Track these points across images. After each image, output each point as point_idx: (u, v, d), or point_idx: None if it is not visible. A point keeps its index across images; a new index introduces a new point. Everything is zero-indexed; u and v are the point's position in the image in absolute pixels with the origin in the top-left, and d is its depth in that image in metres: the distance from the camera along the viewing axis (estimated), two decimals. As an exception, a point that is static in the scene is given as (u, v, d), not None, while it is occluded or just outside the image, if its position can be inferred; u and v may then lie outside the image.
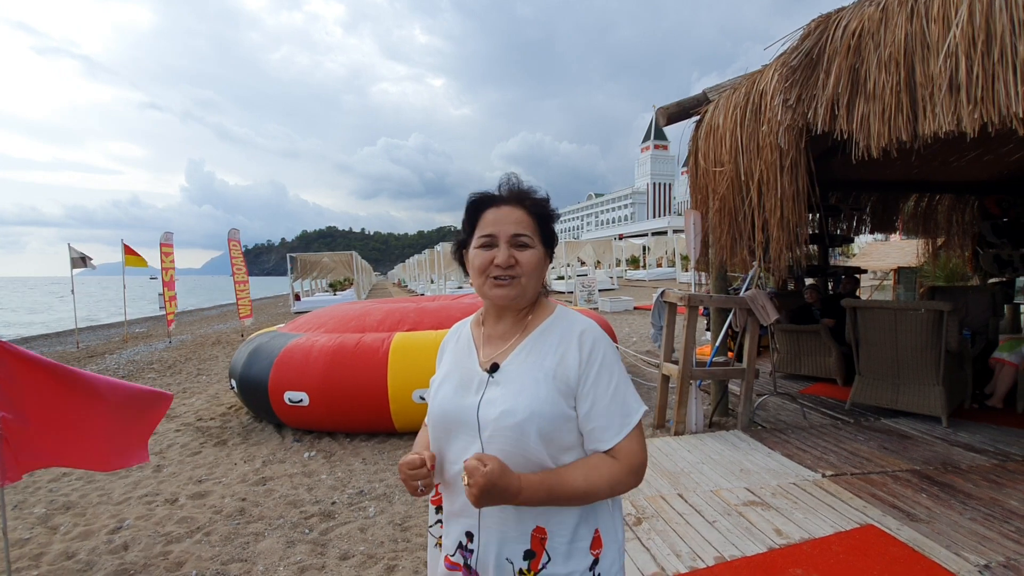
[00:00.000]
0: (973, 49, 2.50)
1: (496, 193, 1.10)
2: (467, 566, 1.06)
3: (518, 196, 1.09)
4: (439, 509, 1.15)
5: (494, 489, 0.93)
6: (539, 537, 1.01)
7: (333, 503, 3.50)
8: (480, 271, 1.07)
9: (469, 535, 1.05)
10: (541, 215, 1.10)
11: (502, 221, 1.06)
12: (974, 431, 4.07)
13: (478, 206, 1.10)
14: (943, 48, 2.59)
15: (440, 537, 1.14)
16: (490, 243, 1.06)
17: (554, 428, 1.01)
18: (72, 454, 2.50)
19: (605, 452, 1.04)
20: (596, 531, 1.05)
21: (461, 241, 1.14)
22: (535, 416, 0.99)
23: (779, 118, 3.34)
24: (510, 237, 1.05)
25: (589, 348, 1.05)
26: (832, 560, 2.40)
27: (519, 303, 1.09)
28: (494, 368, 1.07)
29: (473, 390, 1.07)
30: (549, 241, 1.12)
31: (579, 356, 1.04)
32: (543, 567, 1.01)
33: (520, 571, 1.01)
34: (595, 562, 1.04)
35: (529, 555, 1.01)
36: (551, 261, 1.15)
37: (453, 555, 1.08)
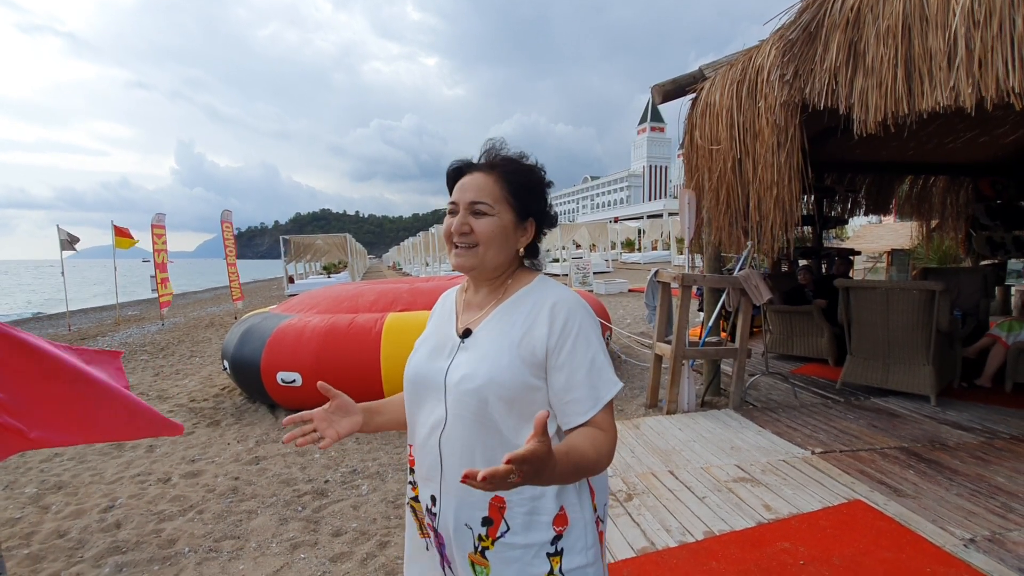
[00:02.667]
0: (972, 22, 2.46)
1: (470, 160, 1.11)
2: (433, 528, 1.07)
3: (491, 163, 1.09)
4: (412, 470, 1.15)
5: (543, 468, 0.83)
6: (497, 505, 1.01)
7: (326, 481, 3.51)
8: (446, 238, 1.09)
9: (433, 499, 1.06)
10: (516, 182, 1.07)
11: (465, 188, 1.07)
12: (962, 410, 4.11)
13: (455, 174, 1.12)
14: (942, 21, 2.55)
15: (411, 498, 1.15)
16: (454, 210, 1.08)
17: (514, 397, 0.99)
18: (60, 435, 2.46)
19: (583, 424, 1.00)
20: (561, 508, 1.02)
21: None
22: (492, 383, 0.99)
23: (776, 94, 3.30)
24: (468, 204, 1.06)
25: (563, 320, 1.02)
26: (820, 534, 2.43)
27: (482, 273, 1.08)
28: (466, 334, 1.08)
29: (445, 355, 1.09)
30: (526, 209, 1.08)
31: (549, 328, 1.01)
32: (501, 535, 1.00)
33: (479, 537, 1.01)
34: (557, 537, 1.02)
35: (487, 522, 1.01)
36: (533, 232, 1.11)
37: (426, 517, 1.09)
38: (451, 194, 1.11)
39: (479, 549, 1.01)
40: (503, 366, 1.00)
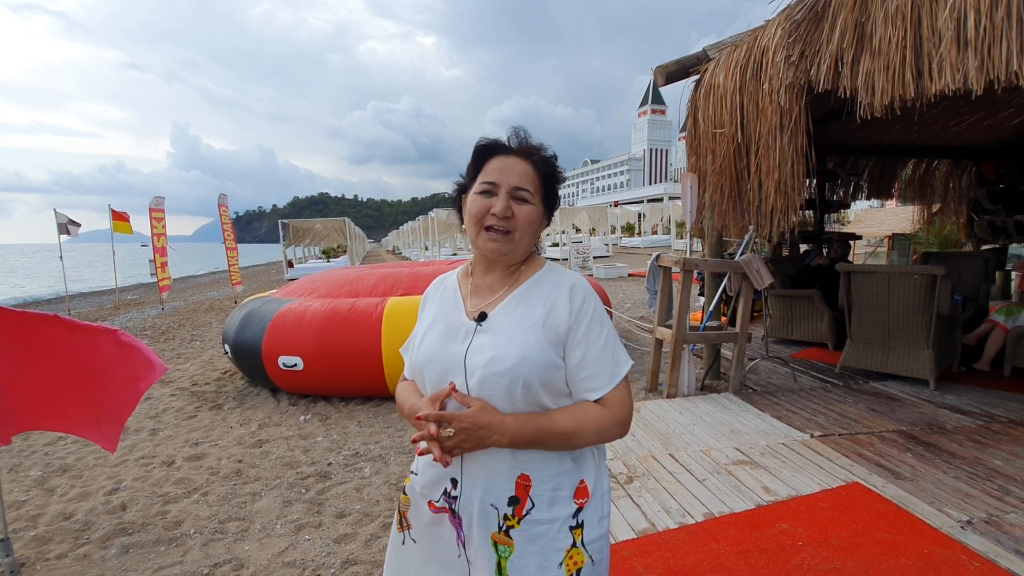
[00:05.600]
0: (982, 3, 2.41)
1: (506, 143, 1.10)
2: (452, 511, 1.07)
3: (527, 150, 1.09)
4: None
5: (476, 427, 0.95)
6: (523, 484, 1.03)
7: (329, 464, 3.54)
8: (476, 219, 1.06)
9: (454, 481, 1.07)
10: (547, 173, 1.10)
11: (506, 171, 1.05)
12: (961, 393, 4.14)
13: (485, 152, 1.09)
14: (951, 2, 2.50)
15: (411, 480, 1.16)
16: (490, 191, 1.05)
17: (542, 375, 1.01)
18: (56, 419, 2.49)
19: (595, 402, 1.05)
20: (582, 481, 1.07)
21: (462, 185, 1.14)
22: (524, 362, 1.00)
23: (781, 75, 3.25)
24: (511, 188, 1.05)
25: (580, 301, 1.06)
26: (818, 515, 2.46)
27: (510, 259, 1.09)
28: (482, 317, 1.07)
29: (460, 339, 1.07)
30: (550, 202, 1.12)
31: (569, 307, 1.05)
32: (527, 513, 1.03)
33: (505, 516, 1.03)
34: (579, 510, 1.05)
35: (513, 501, 1.03)
36: (549, 223, 1.14)
37: (437, 501, 1.09)
38: (477, 171, 1.09)
39: (504, 528, 1.03)
40: (532, 345, 1.01)
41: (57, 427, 2.53)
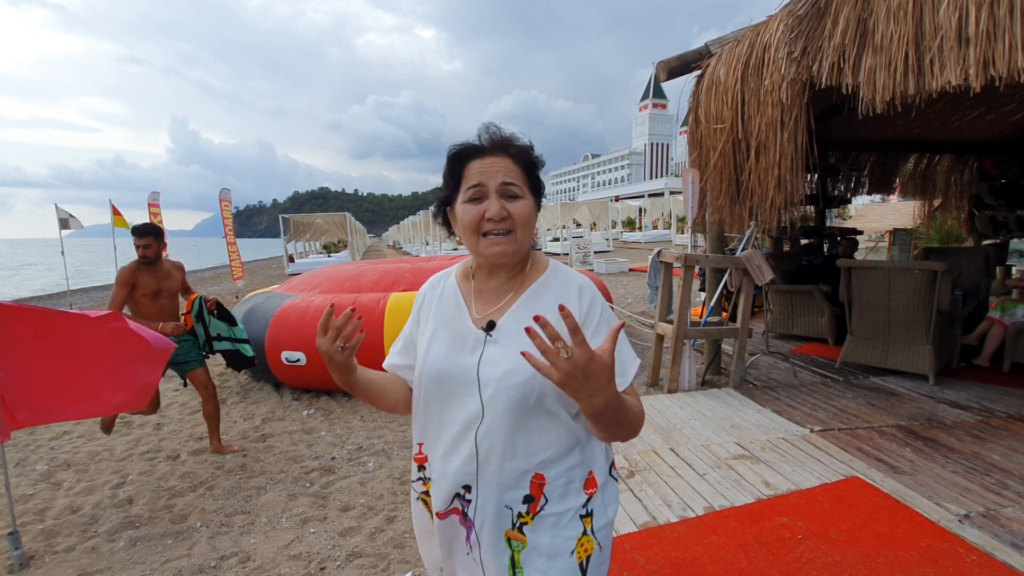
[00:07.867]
0: (984, -1, 2.42)
1: (478, 143, 1.04)
2: (464, 514, 1.07)
3: (502, 144, 1.04)
4: (422, 467, 1.14)
5: (604, 369, 0.81)
6: (538, 483, 1.03)
7: (333, 458, 3.57)
8: (472, 228, 1.02)
9: (467, 487, 1.06)
10: (527, 163, 1.06)
11: (488, 171, 1.01)
12: (960, 389, 4.16)
13: (460, 158, 1.04)
14: (954, -2, 2.50)
15: (423, 493, 1.15)
16: (479, 195, 1.01)
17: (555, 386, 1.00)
18: (62, 409, 2.53)
19: None
20: (590, 472, 1.08)
21: (443, 198, 1.09)
22: (538, 375, 0.96)
23: (783, 71, 3.26)
24: (499, 187, 1.00)
25: (588, 302, 1.05)
26: (817, 509, 2.48)
27: (516, 259, 1.06)
28: (491, 326, 1.05)
29: (469, 349, 1.05)
30: (537, 191, 1.08)
31: (579, 311, 1.03)
32: (541, 509, 1.04)
33: (519, 515, 1.03)
34: (588, 499, 1.07)
35: (528, 499, 1.03)
36: (539, 210, 1.11)
37: (448, 507, 1.08)
38: (457, 180, 1.05)
39: (518, 526, 1.03)
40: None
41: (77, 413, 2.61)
